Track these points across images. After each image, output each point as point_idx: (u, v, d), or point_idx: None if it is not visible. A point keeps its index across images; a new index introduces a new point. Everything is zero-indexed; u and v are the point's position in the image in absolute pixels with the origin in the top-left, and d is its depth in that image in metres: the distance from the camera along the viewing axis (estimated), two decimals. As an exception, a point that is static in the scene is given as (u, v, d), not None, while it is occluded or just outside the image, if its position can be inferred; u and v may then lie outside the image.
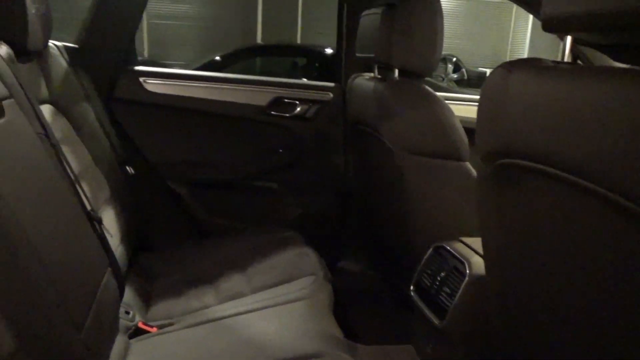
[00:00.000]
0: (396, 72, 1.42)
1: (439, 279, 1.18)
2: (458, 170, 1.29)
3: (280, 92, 1.89)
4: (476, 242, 1.17)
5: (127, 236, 1.46)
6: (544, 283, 0.76)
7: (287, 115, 1.90)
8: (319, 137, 1.94)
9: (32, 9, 1.18)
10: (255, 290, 1.36)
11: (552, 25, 0.67)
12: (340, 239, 2.02)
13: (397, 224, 1.48)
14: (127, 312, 1.27)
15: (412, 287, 1.27)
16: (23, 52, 1.18)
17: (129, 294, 1.34)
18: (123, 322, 1.23)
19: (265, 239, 1.64)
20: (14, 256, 0.79)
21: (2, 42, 1.10)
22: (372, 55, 1.43)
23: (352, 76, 1.69)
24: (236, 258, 1.54)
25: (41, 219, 0.92)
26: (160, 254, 1.68)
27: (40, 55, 1.34)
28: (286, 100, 1.89)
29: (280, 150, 1.94)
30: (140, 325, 1.24)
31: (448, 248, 1.19)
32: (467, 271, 1.10)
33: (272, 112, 1.89)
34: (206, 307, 1.31)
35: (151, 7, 8.04)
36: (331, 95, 1.92)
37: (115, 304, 1.19)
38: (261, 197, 1.97)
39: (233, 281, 1.41)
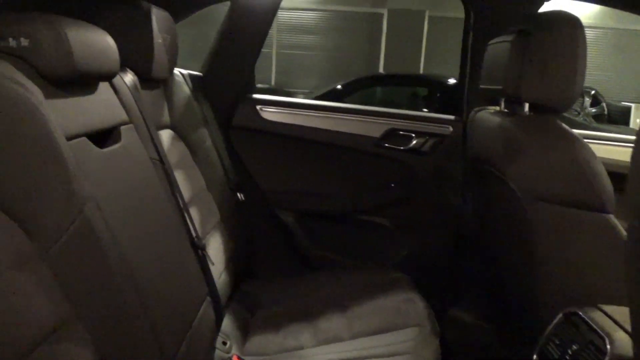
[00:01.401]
0: (526, 106, 1.26)
1: (569, 352, 0.99)
2: (600, 223, 1.09)
3: (395, 123, 1.81)
4: (620, 313, 0.97)
5: (232, 263, 1.46)
6: None
7: (402, 148, 1.81)
8: (436, 173, 1.81)
9: (158, 38, 1.23)
10: (354, 336, 1.27)
11: None
12: (452, 285, 1.86)
13: (521, 278, 1.30)
14: (225, 343, 1.25)
15: (535, 357, 1.09)
16: (148, 79, 1.24)
17: (228, 323, 1.33)
18: (219, 352, 1.21)
19: (371, 279, 1.55)
20: (109, 281, 0.78)
21: (128, 70, 1.15)
22: (498, 87, 1.29)
23: (475, 109, 1.55)
24: (339, 296, 1.47)
25: (142, 244, 0.92)
26: (264, 283, 1.66)
27: (166, 82, 1.40)
28: (401, 132, 1.81)
29: (392, 185, 1.84)
30: (235, 358, 1.21)
31: (583, 317, 1.00)
32: (608, 348, 0.91)
33: (386, 144, 1.81)
34: (301, 347, 1.25)
35: (280, 37, 8.48)
36: (450, 129, 1.79)
37: (211, 335, 1.17)
38: (370, 233, 1.89)
39: (332, 322, 1.34)
